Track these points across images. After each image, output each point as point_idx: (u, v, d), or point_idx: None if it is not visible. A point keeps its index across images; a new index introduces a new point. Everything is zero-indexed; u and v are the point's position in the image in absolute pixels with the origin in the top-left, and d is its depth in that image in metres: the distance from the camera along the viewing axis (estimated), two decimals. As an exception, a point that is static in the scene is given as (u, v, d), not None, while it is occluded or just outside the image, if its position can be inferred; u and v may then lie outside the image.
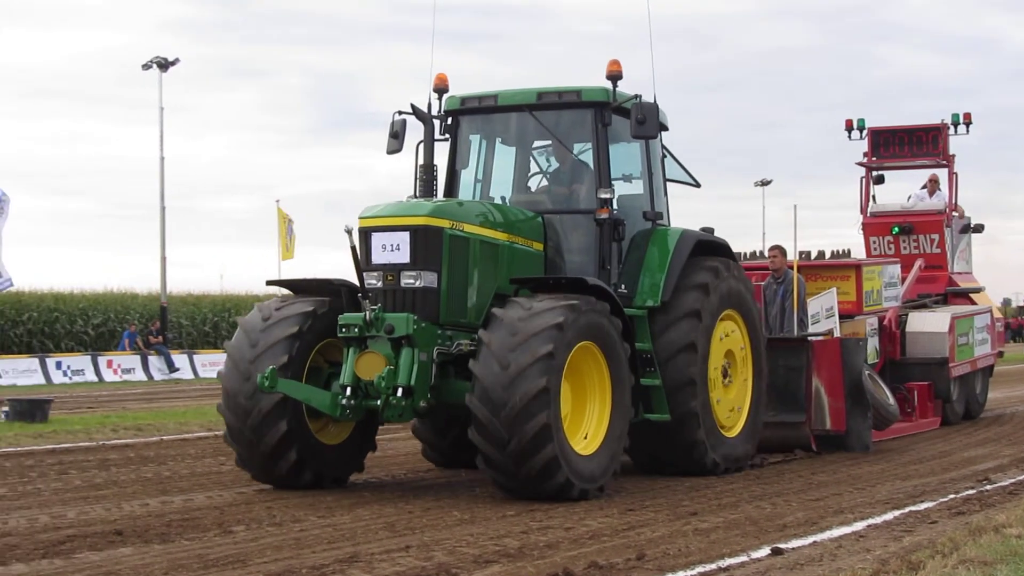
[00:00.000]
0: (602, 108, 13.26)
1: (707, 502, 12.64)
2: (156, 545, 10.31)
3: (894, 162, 22.88)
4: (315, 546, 10.03)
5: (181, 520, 11.23)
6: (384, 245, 11.79)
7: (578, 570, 8.87)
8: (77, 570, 9.30)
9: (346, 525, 11.18)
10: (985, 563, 8.34)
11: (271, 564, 9.31)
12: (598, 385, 11.92)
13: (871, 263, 18.51)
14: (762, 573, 8.91)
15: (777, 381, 15.27)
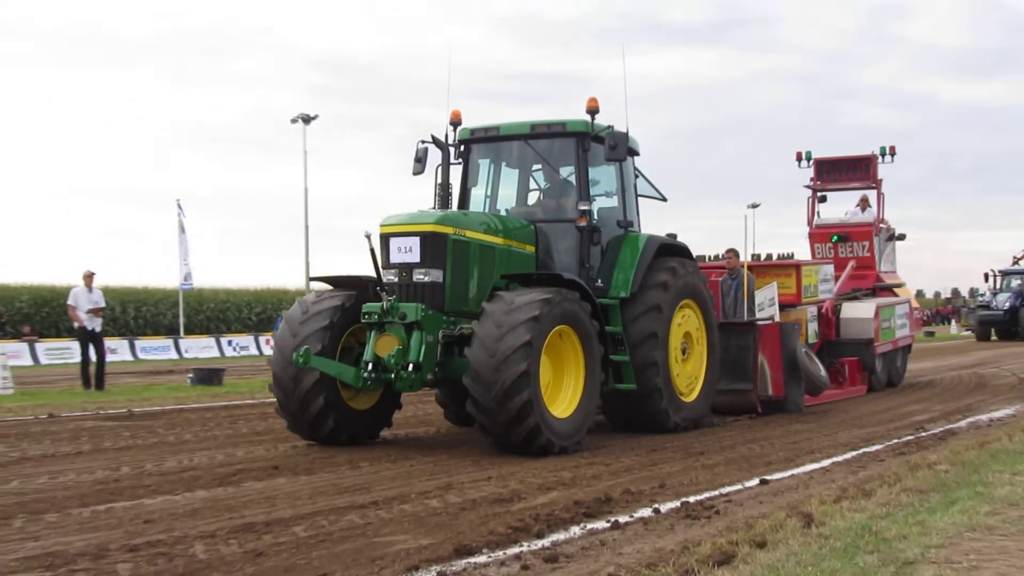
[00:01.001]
0: (583, 137, 12.90)
1: (711, 445, 12.69)
2: (303, 476, 10.49)
3: (834, 185, 22.84)
4: (421, 477, 10.27)
5: (322, 458, 11.41)
6: (399, 247, 11.50)
7: (616, 495, 9.13)
8: (244, 495, 9.48)
9: (443, 461, 11.34)
10: (920, 491, 8.57)
11: (388, 491, 9.50)
12: (573, 361, 11.50)
13: (809, 263, 18.54)
14: (753, 497, 9.15)
15: (730, 357, 14.94)
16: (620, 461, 11.32)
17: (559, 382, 11.40)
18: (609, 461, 11.28)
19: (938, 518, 7.30)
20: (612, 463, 11.15)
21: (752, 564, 6.19)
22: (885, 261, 22.22)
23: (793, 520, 7.45)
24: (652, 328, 12.62)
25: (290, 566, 6.71)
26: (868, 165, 22.22)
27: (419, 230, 11.37)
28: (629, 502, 8.83)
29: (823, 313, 18.70)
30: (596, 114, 12.77)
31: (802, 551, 6.43)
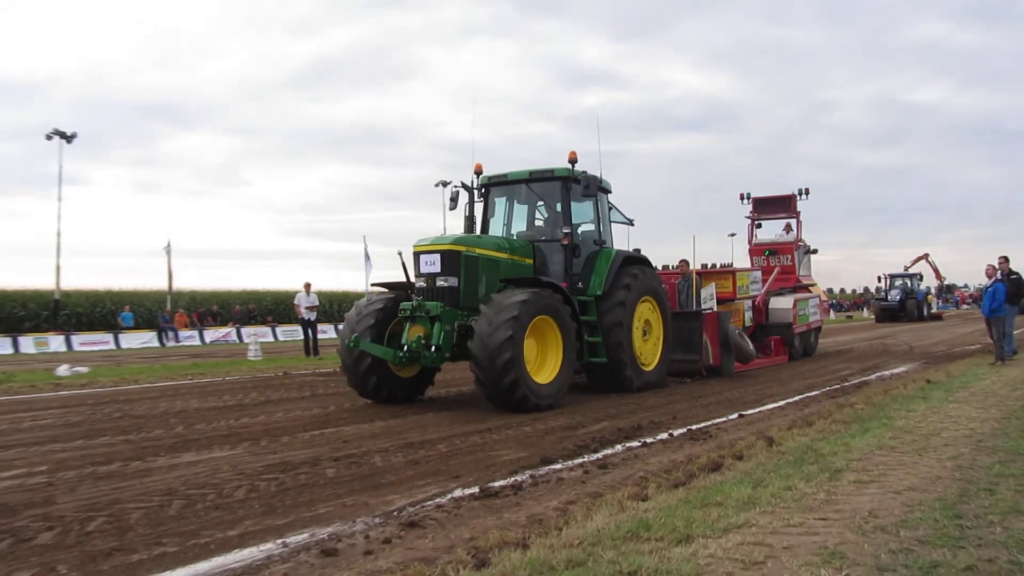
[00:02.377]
0: (566, 180, 12.38)
1: (706, 391, 12.84)
2: (444, 412, 10.56)
3: (766, 215, 22.35)
4: (517, 414, 10.34)
5: (454, 402, 11.76)
6: (426, 261, 11.13)
7: (644, 424, 9.41)
8: (407, 424, 9.66)
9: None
10: (845, 422, 8.72)
11: (498, 422, 9.73)
12: (554, 341, 10.90)
13: (741, 270, 18.10)
14: (734, 426, 9.38)
15: (683, 336, 14.47)
16: (647, 402, 11.52)
17: (544, 357, 10.88)
18: (640, 402, 11.52)
19: (857, 441, 7.47)
20: (642, 403, 11.38)
21: (734, 470, 6.48)
22: (803, 268, 21.85)
23: (760, 441, 7.68)
24: (618, 318, 12.21)
25: (436, 470, 7.04)
26: (790, 201, 21.99)
27: (440, 248, 11.11)
28: (653, 429, 9.10)
29: (756, 305, 18.43)
30: (575, 163, 12.40)
31: (767, 462, 6.70)
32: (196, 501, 5.94)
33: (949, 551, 4.19)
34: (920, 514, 4.89)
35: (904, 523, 4.71)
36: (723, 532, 4.57)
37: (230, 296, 51.89)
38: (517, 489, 6.17)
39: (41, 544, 4.90)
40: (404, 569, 4.17)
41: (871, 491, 5.53)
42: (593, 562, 4.09)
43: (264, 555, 4.61)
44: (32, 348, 33.58)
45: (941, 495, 5.37)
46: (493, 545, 4.54)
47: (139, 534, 5.10)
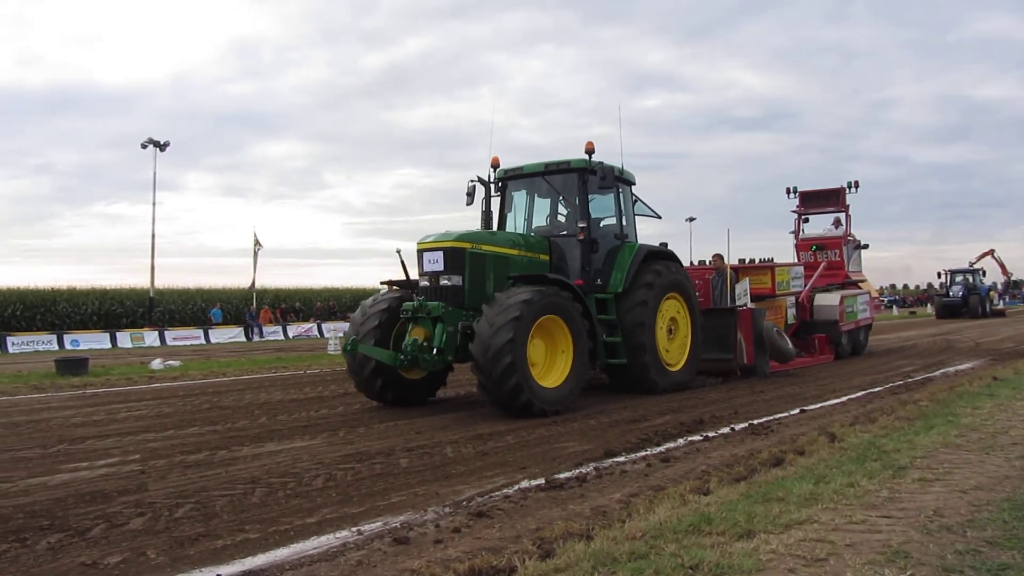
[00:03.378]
0: (583, 171, 11.37)
1: (767, 386, 12.58)
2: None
3: (814, 209, 21.10)
4: (583, 407, 10.23)
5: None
6: (429, 259, 10.21)
7: (706, 418, 9.28)
8: (478, 416, 9.62)
9: (596, 395, 11.28)
10: (909, 419, 8.41)
11: (564, 415, 9.61)
12: (563, 341, 9.91)
13: (781, 265, 16.73)
14: (795, 421, 9.16)
15: (716, 334, 13.34)
16: (708, 396, 11.36)
17: (553, 359, 9.92)
18: (701, 397, 11.36)
19: (921, 438, 7.19)
20: (703, 398, 11.22)
21: (795, 466, 6.29)
22: (852, 264, 20.56)
23: (822, 437, 7.47)
24: (640, 317, 11.18)
25: (504, 461, 7.04)
26: (838, 195, 20.68)
27: (442, 246, 10.16)
28: (715, 423, 8.95)
29: (800, 301, 17.35)
30: (592, 154, 11.38)
31: (829, 458, 6.49)
32: (277, 489, 6.03)
33: (1019, 553, 3.98)
34: (987, 514, 4.67)
35: (971, 523, 4.50)
36: (785, 528, 4.44)
37: (311, 293, 52.99)
38: (581, 481, 6.11)
39: (132, 529, 5.02)
40: (472, 558, 4.16)
41: (936, 489, 5.31)
42: (655, 555, 4.02)
43: (340, 542, 4.64)
44: (129, 343, 34.69)
45: (1010, 495, 5.12)
46: (558, 536, 4.49)
47: (224, 520, 5.19)
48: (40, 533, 4.94)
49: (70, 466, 7.11)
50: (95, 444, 8.23)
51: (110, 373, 16.90)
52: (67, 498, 5.85)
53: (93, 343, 33.77)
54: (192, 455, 7.47)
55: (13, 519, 5.28)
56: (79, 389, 13.93)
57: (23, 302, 42.14)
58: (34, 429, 9.35)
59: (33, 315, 42.14)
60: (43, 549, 4.63)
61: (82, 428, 9.35)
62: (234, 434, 8.62)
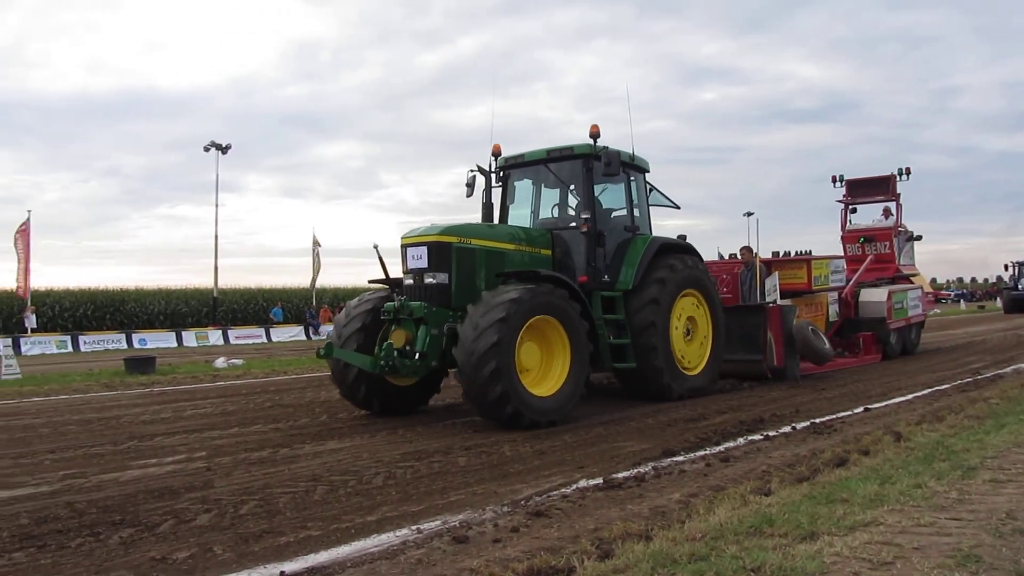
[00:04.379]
0: (587, 158, 10.41)
1: (829, 383, 12.33)
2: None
3: (862, 199, 19.65)
4: (639, 406, 10.26)
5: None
6: (413, 256, 9.32)
7: (766, 417, 9.15)
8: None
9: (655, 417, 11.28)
10: (978, 417, 8.20)
11: (622, 414, 9.64)
12: (560, 344, 8.95)
13: (819, 258, 15.35)
14: (859, 420, 8.95)
15: (745, 333, 12.50)
16: (769, 395, 11.18)
17: (549, 364, 9.00)
18: (761, 395, 11.19)
19: (992, 437, 7.00)
20: (763, 396, 11.04)
21: (860, 466, 6.16)
22: (904, 256, 19.26)
23: (887, 436, 7.31)
24: (651, 316, 10.27)
25: (561, 460, 7.03)
26: (888, 183, 19.23)
27: (426, 240, 9.27)
28: (775, 422, 8.82)
29: (843, 297, 16.23)
30: (598, 138, 10.38)
31: (895, 458, 6.35)
32: (338, 487, 6.12)
33: (1096, 557, 3.85)
34: (1062, 516, 4.52)
35: (1045, 525, 4.36)
36: (849, 530, 4.34)
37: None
38: (640, 481, 6.07)
39: (199, 525, 5.14)
40: (531, 558, 4.16)
41: (1008, 491, 5.14)
42: (716, 557, 3.97)
43: (400, 540, 4.69)
44: (193, 342, 35.58)
45: (1086, 496, 4.95)
46: (617, 536, 4.47)
47: (287, 517, 5.28)
48: (112, 528, 5.10)
49: (140, 462, 7.32)
50: (163, 441, 8.45)
51: (176, 372, 17.34)
52: (137, 494, 6.02)
53: (160, 342, 34.73)
54: (255, 452, 7.62)
55: (87, 513, 5.46)
56: (147, 387, 14.33)
57: (94, 302, 43.64)
58: (105, 426, 9.65)
59: (103, 315, 43.59)
60: (115, 543, 4.77)
61: (151, 425, 9.61)
62: (296, 432, 8.77)
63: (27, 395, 13.46)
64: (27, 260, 29.83)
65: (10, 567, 4.38)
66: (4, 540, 4.86)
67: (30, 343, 32.55)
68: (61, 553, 4.60)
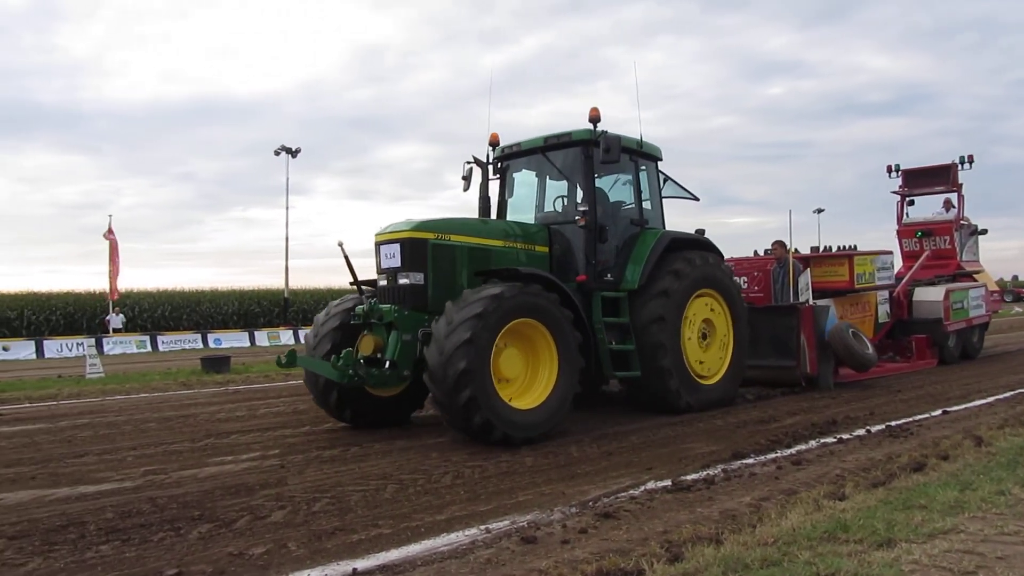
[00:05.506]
0: (587, 144, 9.46)
1: (905, 385, 11.97)
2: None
3: (920, 190, 18.07)
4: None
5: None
6: (386, 254, 8.51)
7: (840, 419, 8.96)
8: (602, 416, 9.44)
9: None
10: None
11: (691, 415, 9.47)
12: (547, 351, 8.06)
13: (863, 253, 13.92)
14: (937, 423, 8.70)
15: (776, 336, 11.52)
16: (841, 396, 10.90)
17: (534, 374, 8.13)
18: (834, 396, 10.92)
19: (1080, 442, 6.66)
20: (836, 397, 10.77)
21: (938, 471, 5.98)
22: (967, 252, 17.75)
23: (968, 441, 7.09)
24: (659, 312, 9.27)
25: (629, 462, 6.99)
26: (949, 172, 17.72)
27: (398, 237, 8.43)
28: (849, 424, 8.61)
29: (895, 296, 15.01)
30: (598, 122, 9.40)
31: (975, 463, 6.16)
32: (408, 485, 6.20)
33: None
34: None
35: None
36: (928, 537, 4.23)
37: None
38: (709, 483, 6.01)
39: (274, 521, 5.27)
40: (600, 560, 4.15)
41: (1098, 499, 4.95)
42: (788, 562, 3.90)
43: (469, 540, 4.73)
44: (265, 341, 36.47)
45: None
46: (686, 539, 4.44)
47: (358, 515, 5.37)
48: (192, 523, 5.26)
49: (216, 459, 7.54)
50: (238, 439, 8.68)
51: (249, 371, 17.77)
52: (214, 490, 6.20)
53: (234, 342, 35.66)
54: (327, 451, 7.76)
55: (168, 508, 5.65)
56: (222, 386, 14.74)
57: (171, 303, 45.10)
58: (184, 424, 9.95)
59: (180, 315, 45.00)
60: (195, 538, 4.93)
61: (226, 423, 9.88)
62: (365, 431, 8.88)
63: (110, 393, 13.98)
64: (115, 263, 30.87)
65: (98, 559, 4.56)
66: (92, 533, 5.07)
67: (112, 343, 33.81)
68: (144, 547, 4.78)
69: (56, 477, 6.91)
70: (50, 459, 7.77)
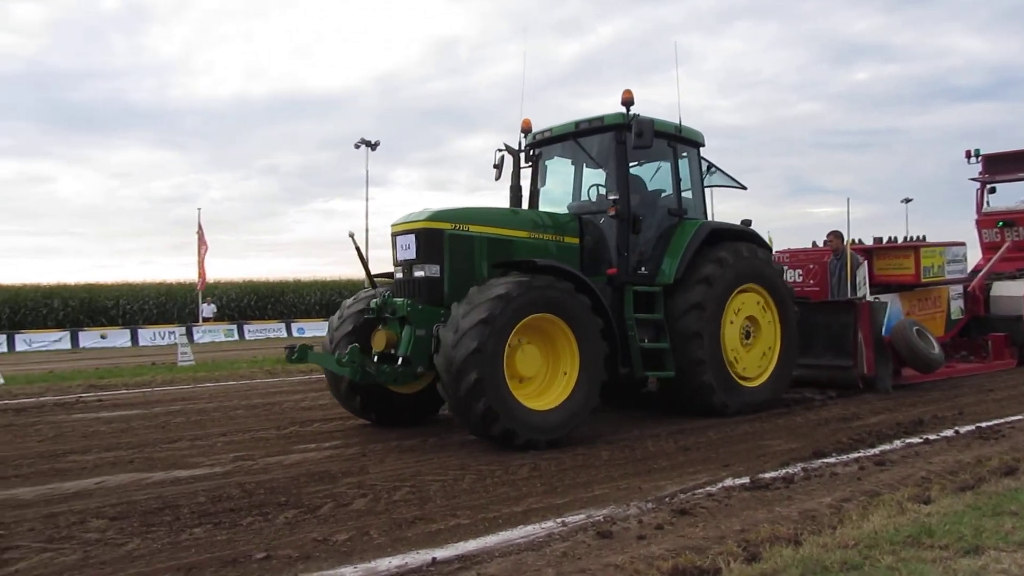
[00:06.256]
0: (620, 129, 8.93)
1: (997, 384, 11.44)
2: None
3: (1003, 176, 16.45)
4: (786, 402, 9.89)
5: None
6: (402, 245, 8.07)
7: (926, 419, 8.68)
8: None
9: (801, 390, 10.81)
10: None
11: (771, 411, 9.32)
12: (567, 351, 7.63)
13: (931, 245, 12.87)
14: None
15: (831, 334, 10.75)
16: (928, 395, 10.54)
17: (554, 371, 7.70)
18: (920, 395, 10.56)
19: None
20: (922, 396, 10.42)
21: (1032, 475, 5.69)
22: None
23: (1065, 444, 6.72)
24: (697, 299, 8.72)
25: (706, 457, 6.96)
26: None
27: (414, 228, 8.00)
28: (936, 425, 8.33)
29: (971, 291, 13.86)
30: (631, 105, 8.86)
31: (1072, 468, 5.83)
32: (485, 476, 6.29)
33: None
34: None
35: None
36: (1018, 546, 4.09)
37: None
38: (788, 482, 5.92)
39: (356, 509, 5.42)
40: (676, 557, 4.15)
41: None
42: (870, 566, 3.84)
43: (545, 532, 4.78)
44: (348, 330, 37.15)
45: None
46: (764, 539, 4.39)
47: (437, 505, 5.49)
48: (278, 508, 5.46)
49: (300, 446, 7.79)
50: (321, 427, 8.94)
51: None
52: (299, 476, 6.41)
53: (316, 331, 36.55)
54: (406, 440, 7.93)
55: (256, 494, 5.87)
56: (306, 374, 15.17)
57: (256, 293, 46.58)
58: (270, 411, 10.30)
59: (265, 305, 46.45)
60: (281, 523, 5.12)
61: (309, 411, 10.18)
62: (444, 421, 9.00)
63: (200, 380, 14.57)
64: (203, 254, 32.03)
65: (192, 541, 4.78)
66: (186, 516, 5.31)
67: (202, 332, 35.15)
68: (234, 530, 4.99)
69: (152, 461, 7.26)
70: (146, 444, 8.16)
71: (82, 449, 7.94)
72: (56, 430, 9.20)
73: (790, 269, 12.47)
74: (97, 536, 4.90)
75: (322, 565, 4.28)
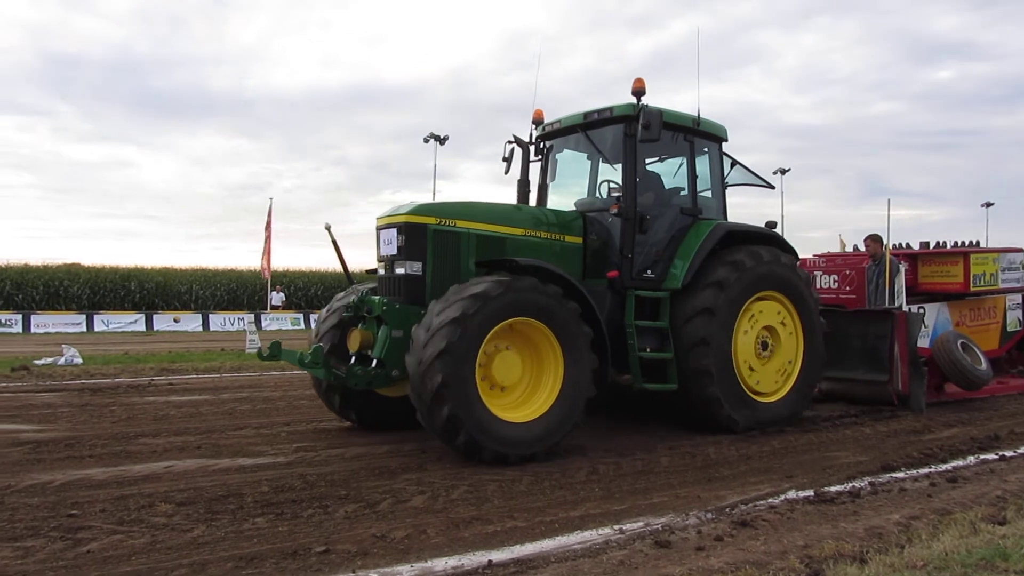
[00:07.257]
0: (630, 121, 8.32)
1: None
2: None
3: None
4: (854, 413, 9.58)
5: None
6: (385, 240, 7.58)
7: (1003, 434, 8.46)
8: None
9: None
10: None
11: (835, 416, 9.07)
12: (552, 362, 7.06)
13: (981, 251, 11.93)
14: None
15: (866, 346, 9.98)
16: (1006, 408, 10.16)
17: (537, 381, 7.14)
18: (996, 408, 10.18)
19: None
20: (999, 409, 10.05)
21: (1116, 500, 5.42)
22: None
23: None
24: (706, 304, 8.08)
25: (768, 467, 6.85)
26: None
27: (396, 221, 7.46)
28: (1014, 441, 8.04)
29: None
30: (642, 95, 8.28)
31: None
32: (543, 479, 6.27)
33: None
34: None
35: None
36: (1100, 575, 3.91)
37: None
38: (855, 496, 5.76)
39: (415, 506, 5.46)
40: (735, 571, 4.08)
41: None
42: (939, 590, 3.71)
43: (602, 539, 4.74)
44: (411, 322, 37.51)
45: None
46: (828, 556, 4.28)
47: (494, 506, 5.49)
48: (338, 501, 5.53)
49: (361, 440, 7.87)
50: (382, 420, 9.02)
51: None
52: (360, 471, 6.49)
53: (380, 321, 36.96)
54: (466, 437, 7.95)
55: (317, 486, 5.96)
56: (369, 366, 15.31)
57: (323, 283, 47.30)
58: (332, 402, 10.43)
59: (331, 295, 46.96)
60: (341, 517, 5.18)
61: (372, 404, 10.29)
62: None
63: (266, 369, 14.84)
64: (269, 243, 32.79)
65: (254, 531, 4.87)
66: (249, 505, 5.42)
67: (269, 319, 35.88)
68: (295, 522, 5.07)
69: (218, 448, 7.43)
70: (213, 430, 8.37)
71: (152, 432, 8.19)
72: (129, 412, 9.51)
73: (824, 275, 11.96)
74: (164, 520, 5.03)
75: (379, 562, 4.32)
